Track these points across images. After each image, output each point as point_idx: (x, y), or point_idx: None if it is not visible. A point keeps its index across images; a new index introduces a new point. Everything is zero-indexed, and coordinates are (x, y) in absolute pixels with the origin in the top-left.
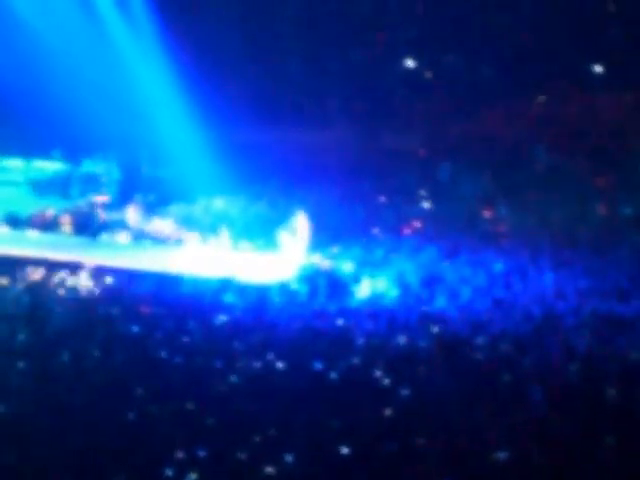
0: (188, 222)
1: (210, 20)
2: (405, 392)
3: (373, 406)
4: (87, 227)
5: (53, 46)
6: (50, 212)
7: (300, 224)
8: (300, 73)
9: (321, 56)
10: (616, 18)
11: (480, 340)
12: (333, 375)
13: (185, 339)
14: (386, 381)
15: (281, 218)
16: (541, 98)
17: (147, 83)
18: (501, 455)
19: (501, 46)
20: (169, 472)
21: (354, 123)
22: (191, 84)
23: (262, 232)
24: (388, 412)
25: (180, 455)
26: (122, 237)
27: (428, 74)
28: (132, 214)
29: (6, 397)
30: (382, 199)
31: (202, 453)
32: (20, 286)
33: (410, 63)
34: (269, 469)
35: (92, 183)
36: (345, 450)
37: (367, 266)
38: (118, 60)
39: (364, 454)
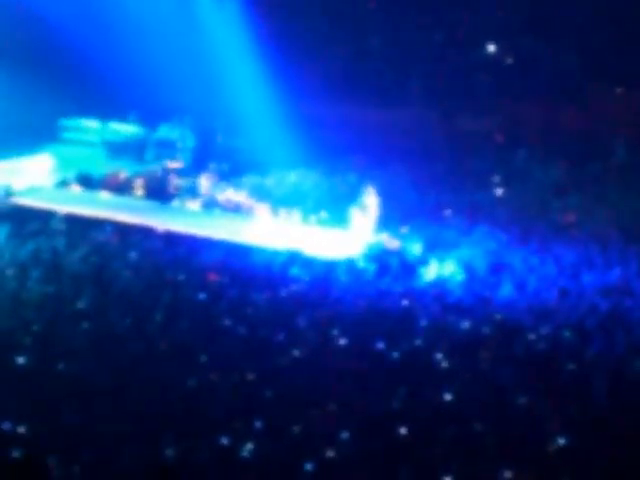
0: (260, 193)
1: None
2: (465, 376)
3: (432, 390)
4: (159, 192)
5: (135, 10)
6: (123, 175)
7: (371, 202)
8: (381, 51)
9: (401, 37)
10: None
11: (544, 329)
12: (395, 355)
13: (250, 309)
14: (446, 364)
15: (353, 195)
16: (620, 90)
17: (226, 53)
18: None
19: (584, 36)
20: (225, 441)
21: (433, 104)
22: (271, 57)
23: (333, 207)
24: (447, 396)
25: (237, 425)
26: (194, 204)
27: (509, 59)
28: (205, 182)
29: (73, 356)
30: (455, 182)
31: (259, 424)
32: (90, 246)
33: (492, 48)
34: (325, 444)
35: (167, 148)
36: (402, 430)
37: (435, 249)
38: (199, 28)
39: (420, 436)
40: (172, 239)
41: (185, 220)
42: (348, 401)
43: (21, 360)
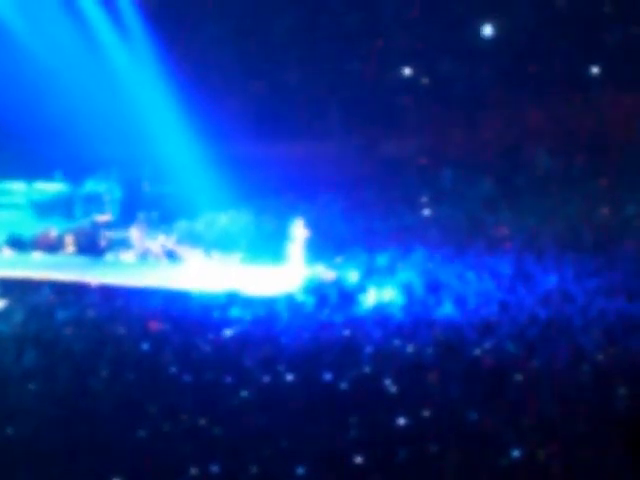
0: (192, 238)
1: (205, 35)
2: (415, 399)
3: (385, 415)
4: (91, 247)
5: (51, 67)
6: (54, 233)
7: (301, 235)
8: (297, 85)
9: (317, 68)
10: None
11: (488, 344)
12: (343, 385)
13: (195, 354)
14: (395, 389)
15: (283, 230)
16: (539, 101)
17: (145, 100)
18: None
19: (496, 51)
20: None
21: (352, 133)
22: (189, 99)
23: (266, 245)
24: (400, 421)
25: (194, 472)
26: (127, 256)
27: (425, 81)
28: (136, 232)
29: (18, 418)
30: (385, 207)
31: (215, 468)
32: (27, 308)
33: (406, 71)
34: None
35: (94, 202)
36: (359, 460)
37: (372, 275)
38: (115, 79)
39: (378, 463)
40: (108, 293)
41: (120, 272)
42: (302, 436)
43: None
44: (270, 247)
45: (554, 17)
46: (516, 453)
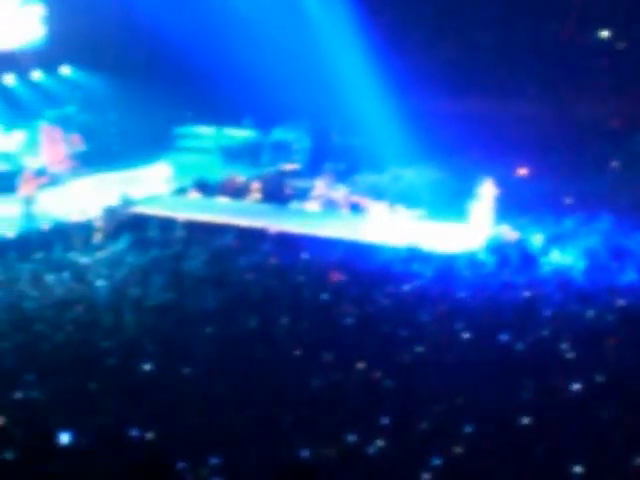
0: (377, 191)
1: None
2: (591, 365)
3: (560, 379)
4: (276, 195)
5: (247, 15)
6: (240, 179)
7: (489, 194)
8: (491, 44)
9: (512, 28)
10: None
11: None
12: (519, 347)
13: (372, 307)
14: (572, 354)
15: (470, 188)
16: None
17: (339, 53)
18: None
19: None
20: (351, 438)
21: (545, 95)
22: (382, 54)
23: (451, 202)
24: (575, 386)
25: (364, 421)
26: (311, 205)
27: (620, 45)
28: (322, 182)
29: (198, 361)
30: (574, 170)
31: (385, 421)
32: (211, 251)
33: (604, 33)
34: (453, 440)
35: (282, 151)
36: (527, 421)
37: (556, 238)
38: (310, 30)
39: (547, 428)
40: (291, 241)
41: (303, 221)
42: (475, 395)
43: (147, 367)
44: (455, 204)
45: None
46: None
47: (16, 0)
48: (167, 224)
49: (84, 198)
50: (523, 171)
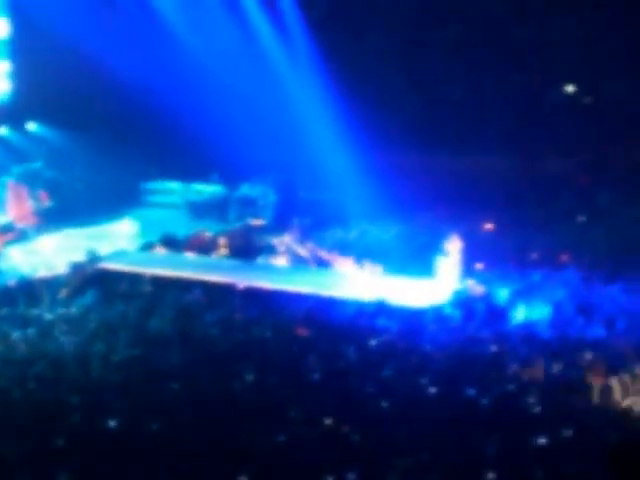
0: (343, 246)
1: (368, 45)
2: (559, 421)
3: (524, 435)
4: (243, 250)
5: (211, 70)
6: (207, 234)
7: (454, 249)
8: (458, 98)
9: (479, 82)
10: None
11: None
12: (485, 401)
13: (340, 362)
14: (539, 408)
15: (436, 243)
16: None
17: (303, 107)
18: None
19: None
20: None
21: (512, 150)
22: (348, 109)
23: (417, 257)
24: (542, 441)
25: (331, 477)
26: (279, 260)
27: (587, 99)
28: (289, 237)
29: (161, 417)
30: (539, 225)
31: (351, 476)
32: (177, 307)
33: (569, 88)
34: None
35: (249, 206)
36: (492, 476)
37: (521, 292)
38: (277, 86)
39: None
40: (258, 296)
41: (270, 276)
42: (441, 450)
43: (112, 423)
44: (421, 259)
45: None
46: None
47: None
48: (134, 279)
49: (50, 254)
50: (489, 226)
